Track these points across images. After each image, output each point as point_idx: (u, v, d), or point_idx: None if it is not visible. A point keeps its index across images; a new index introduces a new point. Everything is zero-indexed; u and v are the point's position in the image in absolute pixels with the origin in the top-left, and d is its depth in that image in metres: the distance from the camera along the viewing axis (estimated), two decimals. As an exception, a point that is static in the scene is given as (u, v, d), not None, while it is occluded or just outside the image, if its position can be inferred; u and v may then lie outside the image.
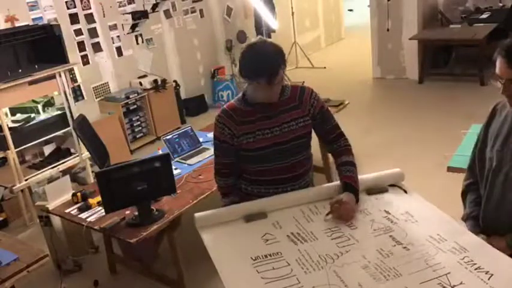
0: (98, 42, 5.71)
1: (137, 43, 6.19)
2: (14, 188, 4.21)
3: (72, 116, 4.55)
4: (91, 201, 3.10)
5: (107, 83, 5.86)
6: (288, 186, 2.16)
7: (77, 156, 4.72)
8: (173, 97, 6.35)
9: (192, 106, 6.87)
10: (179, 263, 3.10)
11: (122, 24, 5.97)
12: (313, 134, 2.21)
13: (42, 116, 4.62)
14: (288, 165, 2.13)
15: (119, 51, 5.98)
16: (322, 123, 2.17)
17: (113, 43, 5.91)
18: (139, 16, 6.01)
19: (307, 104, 2.12)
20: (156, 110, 6.02)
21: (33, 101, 4.67)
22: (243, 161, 2.16)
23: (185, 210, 2.94)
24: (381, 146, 4.90)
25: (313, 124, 2.16)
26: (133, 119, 5.88)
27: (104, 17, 5.75)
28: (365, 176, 2.19)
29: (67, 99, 4.59)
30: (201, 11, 7.08)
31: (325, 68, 8.40)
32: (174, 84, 6.46)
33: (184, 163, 3.58)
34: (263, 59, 1.95)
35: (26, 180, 4.30)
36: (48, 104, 4.78)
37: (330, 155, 2.37)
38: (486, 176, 1.98)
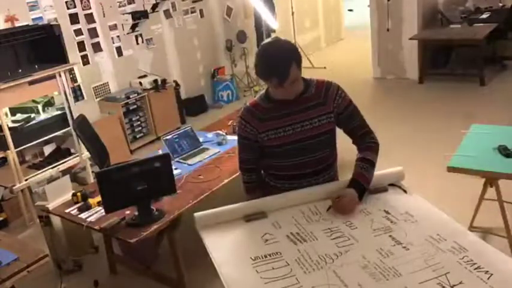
0: (98, 42, 5.71)
1: (137, 43, 6.19)
2: (14, 188, 4.21)
3: (72, 116, 4.55)
4: (91, 201, 3.10)
5: (107, 83, 5.86)
6: (311, 181, 2.18)
7: (77, 156, 4.72)
8: (173, 97, 6.34)
9: (192, 106, 6.87)
10: (179, 263, 3.10)
11: (122, 24, 5.97)
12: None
13: (42, 116, 4.62)
14: (308, 161, 2.14)
15: (119, 51, 5.98)
16: (348, 121, 2.16)
17: (113, 43, 5.91)
18: (139, 16, 6.01)
19: (332, 101, 2.11)
20: (156, 110, 6.02)
21: (33, 101, 4.67)
22: (267, 156, 2.20)
23: (185, 210, 2.94)
24: (380, 146, 4.89)
25: (338, 121, 2.15)
26: (133, 119, 5.88)
27: (104, 17, 5.75)
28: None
29: (67, 99, 4.59)
30: (201, 11, 7.08)
31: (325, 68, 8.40)
32: (174, 84, 6.46)
33: (184, 163, 3.58)
34: (274, 61, 1.96)
35: (26, 180, 4.30)
36: (48, 104, 4.79)
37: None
38: None
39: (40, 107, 4.67)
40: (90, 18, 5.59)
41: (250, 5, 7.55)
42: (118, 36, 5.95)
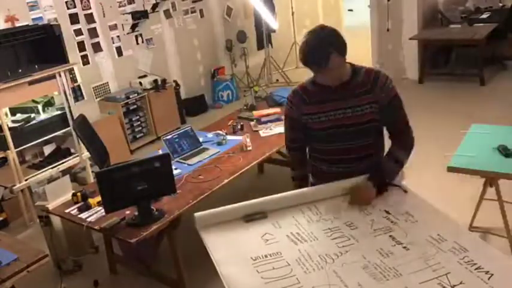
0: (98, 42, 5.71)
1: (137, 43, 6.19)
2: (14, 188, 4.21)
3: (72, 116, 4.55)
4: (91, 201, 3.10)
5: (107, 83, 5.86)
6: (352, 167, 2.20)
7: (77, 156, 4.72)
8: (173, 97, 6.34)
9: (192, 106, 6.87)
10: (179, 263, 3.10)
11: (122, 24, 5.97)
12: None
13: (42, 116, 4.62)
14: (349, 148, 2.17)
15: (119, 51, 5.98)
16: (389, 113, 2.15)
17: (113, 43, 5.91)
18: (139, 16, 6.01)
19: (379, 91, 2.11)
20: (156, 110, 6.02)
21: (33, 101, 4.67)
22: (310, 138, 2.26)
23: (185, 210, 2.94)
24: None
25: (381, 112, 2.14)
26: (133, 119, 5.88)
27: (104, 17, 5.74)
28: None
29: (67, 99, 4.59)
30: (201, 11, 7.08)
31: (325, 68, 8.40)
32: (174, 84, 6.46)
33: (184, 163, 3.58)
34: (312, 49, 2.00)
35: (26, 180, 4.30)
36: (48, 104, 4.78)
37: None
38: None
39: (40, 107, 4.67)
40: (90, 18, 5.58)
41: (250, 5, 7.55)
42: (118, 36, 5.95)
